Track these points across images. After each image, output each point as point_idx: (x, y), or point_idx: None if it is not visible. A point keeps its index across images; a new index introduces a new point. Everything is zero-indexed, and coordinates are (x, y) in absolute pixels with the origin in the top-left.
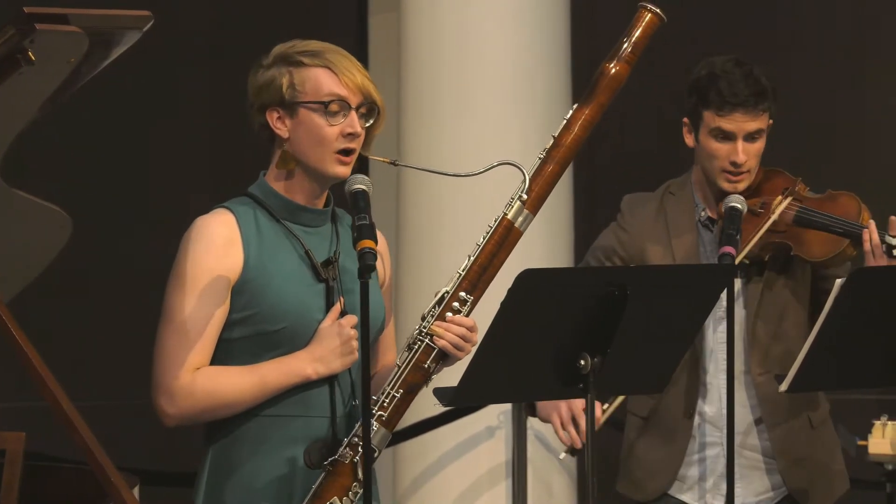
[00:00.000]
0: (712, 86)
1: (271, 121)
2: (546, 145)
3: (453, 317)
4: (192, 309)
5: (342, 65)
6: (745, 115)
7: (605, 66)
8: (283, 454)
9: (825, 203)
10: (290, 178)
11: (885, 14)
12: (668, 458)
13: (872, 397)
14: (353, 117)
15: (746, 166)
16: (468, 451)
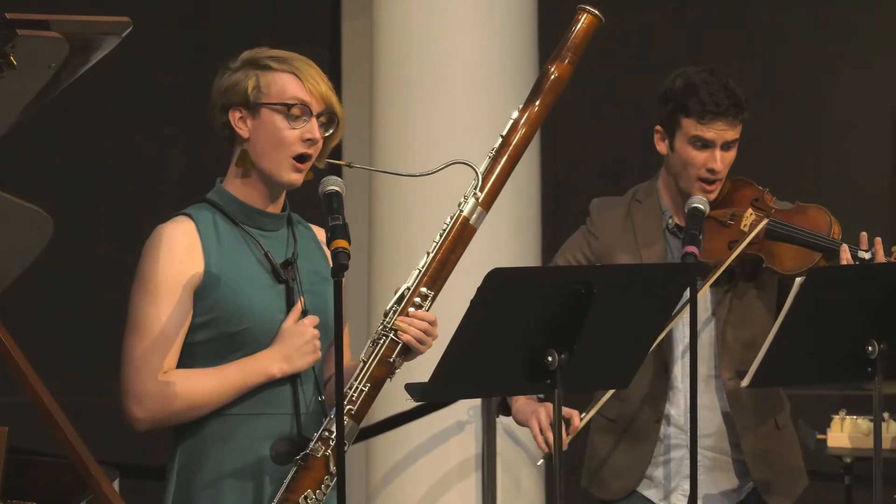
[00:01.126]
0: (693, 95)
1: (233, 120)
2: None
3: (415, 312)
4: (156, 315)
5: (308, 72)
6: (725, 124)
7: (546, 67)
8: (250, 451)
9: (795, 215)
10: (246, 183)
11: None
12: (636, 460)
13: (831, 393)
14: (313, 123)
15: (721, 174)
16: (439, 446)
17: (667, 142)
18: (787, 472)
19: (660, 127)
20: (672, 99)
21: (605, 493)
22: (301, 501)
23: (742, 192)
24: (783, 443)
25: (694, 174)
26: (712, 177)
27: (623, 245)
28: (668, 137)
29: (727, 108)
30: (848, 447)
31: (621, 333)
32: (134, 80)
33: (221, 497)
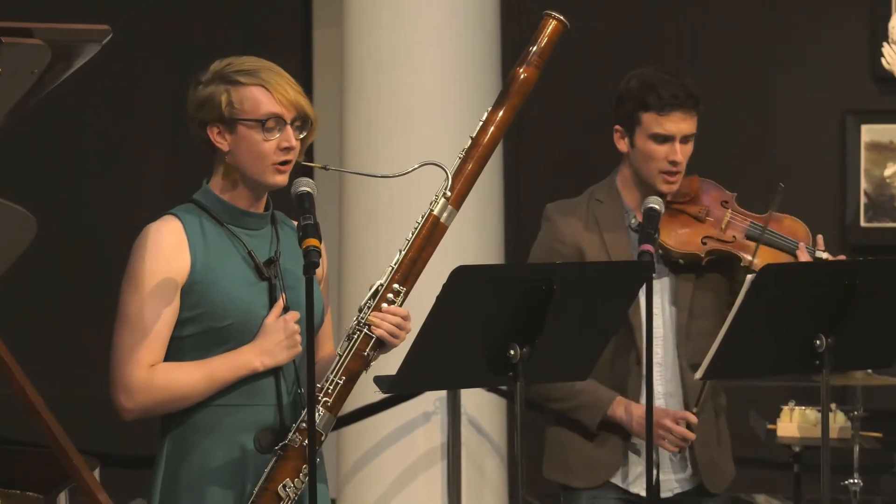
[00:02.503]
0: (651, 91)
1: (212, 136)
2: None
3: (388, 307)
4: (144, 310)
5: (276, 82)
6: (683, 115)
7: (514, 71)
8: (234, 440)
9: (770, 223)
10: (232, 185)
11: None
12: (611, 449)
13: (781, 384)
14: (288, 132)
15: (682, 166)
16: (406, 435)
17: (627, 140)
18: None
19: (619, 126)
20: (630, 98)
21: (578, 481)
22: (280, 490)
23: (710, 194)
24: (717, 432)
25: (656, 168)
26: (674, 168)
27: (591, 247)
28: (628, 135)
29: (684, 100)
30: (797, 436)
31: (580, 328)
32: (112, 86)
33: (207, 484)
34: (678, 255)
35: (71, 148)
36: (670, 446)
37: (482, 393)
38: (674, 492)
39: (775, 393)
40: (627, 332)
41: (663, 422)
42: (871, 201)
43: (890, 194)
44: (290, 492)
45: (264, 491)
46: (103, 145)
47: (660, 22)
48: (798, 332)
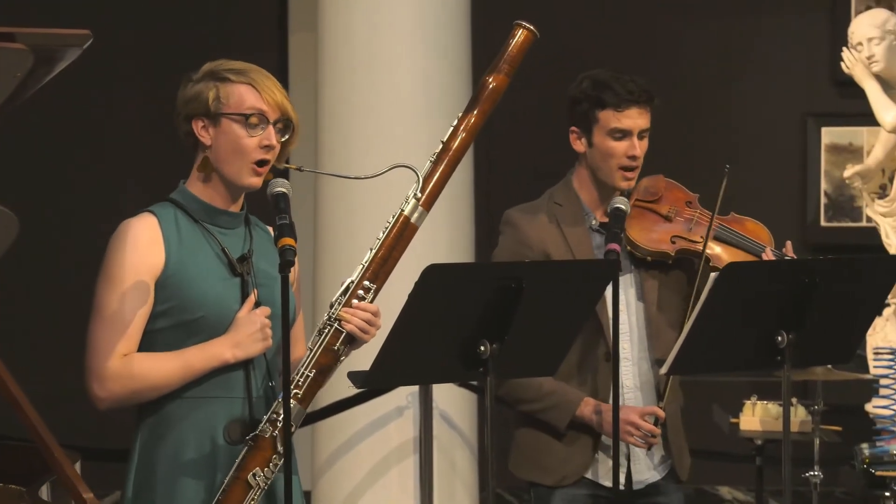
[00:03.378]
0: (606, 88)
1: (196, 129)
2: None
3: (359, 303)
4: (119, 302)
5: (264, 83)
6: (640, 110)
7: (485, 78)
8: (205, 431)
9: (734, 224)
10: (207, 185)
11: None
12: (584, 445)
13: (743, 379)
14: (270, 131)
15: (640, 161)
16: (379, 429)
17: (584, 139)
18: (684, 450)
19: (575, 127)
20: (585, 98)
21: (550, 479)
22: (250, 479)
23: (675, 194)
24: (679, 422)
25: (615, 164)
26: (633, 164)
27: (556, 249)
28: (584, 135)
29: (640, 95)
30: (759, 430)
31: (548, 325)
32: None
33: (179, 473)
34: (647, 252)
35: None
36: (638, 442)
37: (453, 388)
38: (646, 483)
39: (738, 388)
40: (595, 328)
41: (631, 418)
42: (831, 202)
43: (849, 195)
44: (259, 481)
45: (235, 480)
46: (82, 147)
47: (624, 28)
48: (760, 329)
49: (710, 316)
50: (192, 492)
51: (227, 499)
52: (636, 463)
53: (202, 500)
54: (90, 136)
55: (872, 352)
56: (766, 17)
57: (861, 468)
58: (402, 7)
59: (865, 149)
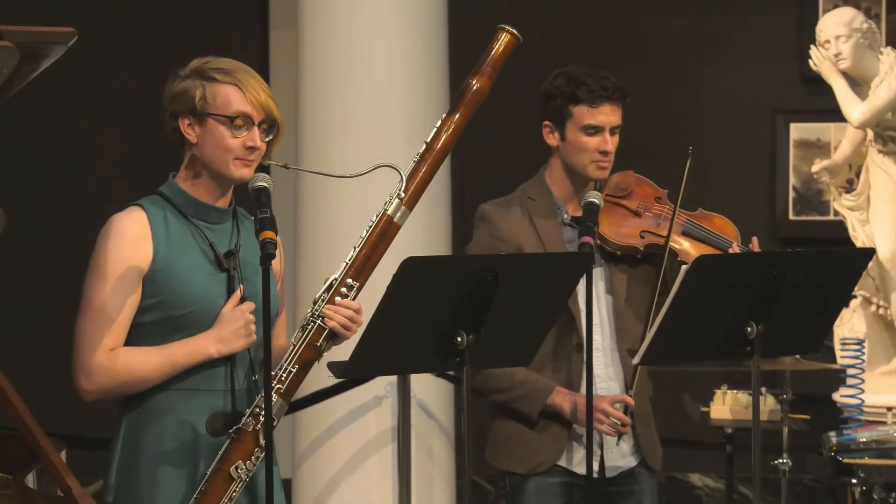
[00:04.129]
0: (581, 85)
1: (182, 126)
2: (419, 150)
3: (341, 300)
4: (107, 296)
5: (249, 84)
6: (612, 107)
7: (468, 80)
8: (188, 424)
9: (702, 220)
10: (196, 179)
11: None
12: (556, 434)
13: (714, 369)
14: (254, 132)
15: (612, 155)
16: (358, 418)
17: (557, 134)
18: (654, 440)
19: (548, 122)
20: (559, 94)
21: (523, 467)
22: (232, 471)
23: (645, 189)
24: (649, 413)
25: (588, 158)
26: (604, 158)
27: (528, 242)
28: (558, 129)
29: (613, 91)
30: (729, 419)
31: (523, 316)
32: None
33: (161, 464)
34: (617, 246)
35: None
36: (609, 430)
37: (431, 378)
38: (618, 470)
39: (708, 377)
40: (568, 320)
41: (601, 406)
42: (800, 196)
43: (817, 189)
44: (241, 473)
45: (217, 472)
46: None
47: (595, 25)
48: (730, 320)
49: (680, 307)
50: (174, 482)
51: (210, 490)
52: (609, 451)
53: (184, 490)
54: (77, 131)
55: (840, 342)
56: (735, 15)
57: (828, 456)
58: (381, 6)
59: (833, 144)
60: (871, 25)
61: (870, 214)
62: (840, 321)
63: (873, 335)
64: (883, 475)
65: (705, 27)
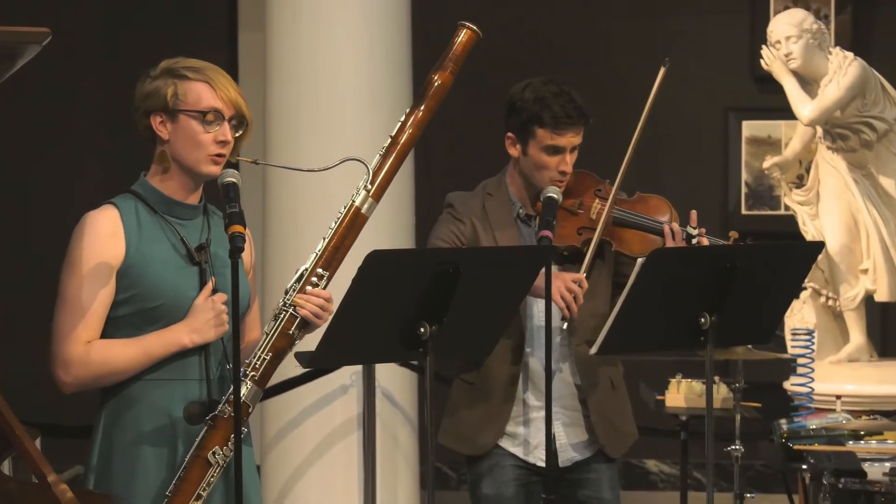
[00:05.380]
0: (546, 108)
1: (154, 124)
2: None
3: (312, 290)
4: (82, 291)
5: (220, 81)
6: (574, 132)
7: (431, 76)
8: (165, 412)
9: (638, 204)
10: (168, 177)
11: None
12: (496, 418)
13: (669, 358)
14: (225, 127)
15: (569, 175)
16: (325, 406)
17: (519, 147)
18: (620, 428)
19: (511, 134)
20: (525, 110)
21: (466, 448)
22: (209, 457)
23: (586, 184)
24: (617, 401)
25: (548, 176)
26: (562, 177)
27: (483, 232)
28: (520, 143)
29: (577, 118)
30: (683, 406)
31: (484, 307)
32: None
33: (140, 452)
34: (561, 248)
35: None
36: (560, 301)
37: (395, 367)
38: (573, 461)
39: (664, 366)
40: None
41: (563, 276)
42: (752, 191)
43: (768, 185)
44: (219, 458)
45: (195, 458)
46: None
47: (552, 26)
48: (684, 311)
49: (636, 299)
50: (152, 469)
51: (189, 476)
52: (559, 441)
53: (163, 476)
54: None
55: (790, 332)
56: (689, 16)
57: (780, 442)
58: (346, 7)
59: (784, 141)
60: (820, 26)
61: (819, 209)
62: (791, 312)
63: (823, 326)
64: (832, 461)
65: (660, 28)
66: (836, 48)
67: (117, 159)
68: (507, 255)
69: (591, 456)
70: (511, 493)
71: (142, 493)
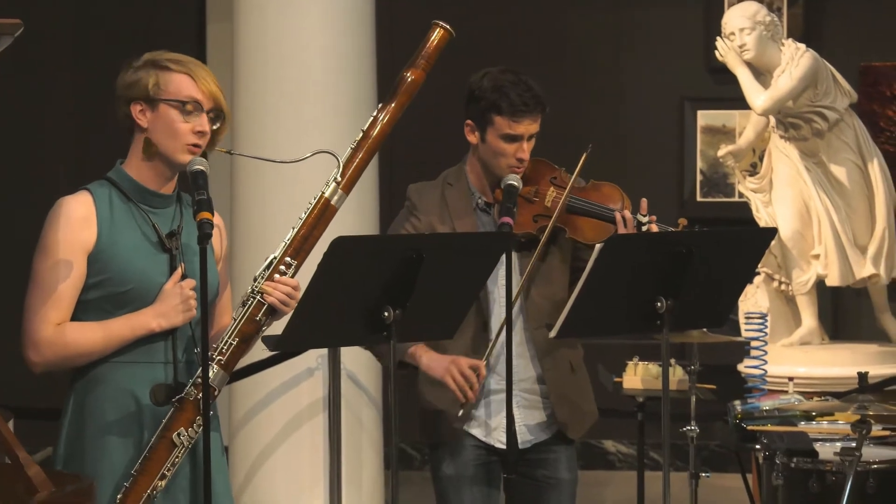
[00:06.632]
0: (504, 96)
1: (134, 112)
2: (356, 137)
3: (280, 277)
4: (54, 274)
5: (200, 74)
6: (531, 120)
7: (403, 73)
8: (132, 394)
9: (591, 192)
10: (144, 166)
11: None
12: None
13: (626, 342)
14: (203, 118)
15: (526, 162)
16: (291, 389)
17: (477, 134)
18: (581, 408)
19: (470, 121)
20: (483, 98)
21: (434, 437)
22: (175, 438)
23: (542, 172)
24: (577, 383)
25: (505, 163)
26: (520, 165)
27: (441, 221)
28: (479, 131)
29: (534, 106)
30: (640, 388)
31: (447, 292)
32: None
33: (107, 432)
34: (518, 235)
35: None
36: (454, 386)
37: (360, 351)
38: (530, 442)
39: (621, 350)
40: (483, 297)
41: (459, 363)
42: (706, 179)
43: (723, 172)
44: (184, 439)
45: (161, 439)
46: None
47: (514, 18)
48: (641, 296)
49: (594, 284)
50: (119, 449)
51: (154, 456)
52: (517, 423)
53: (129, 457)
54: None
55: (744, 316)
56: (646, 10)
57: (734, 423)
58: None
59: (738, 130)
60: (773, 18)
61: (772, 196)
62: (744, 297)
63: (775, 310)
64: (784, 441)
65: (618, 21)
66: (789, 40)
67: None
68: (468, 242)
69: (549, 437)
70: (471, 474)
71: (109, 472)
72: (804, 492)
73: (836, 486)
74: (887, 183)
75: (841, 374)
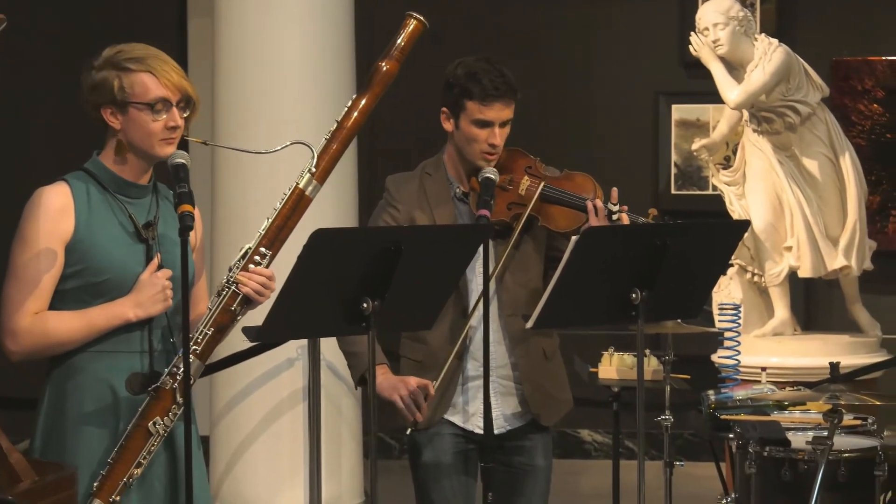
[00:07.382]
0: (476, 82)
1: (105, 116)
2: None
3: (255, 268)
4: (31, 264)
5: (162, 69)
6: (503, 105)
7: (378, 63)
8: (108, 383)
9: (564, 181)
10: (121, 159)
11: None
12: (443, 393)
13: (602, 332)
14: (174, 112)
15: (500, 148)
16: (272, 379)
17: (452, 121)
18: (554, 396)
19: (446, 109)
20: (456, 85)
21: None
22: (150, 427)
23: (517, 162)
24: (550, 371)
25: (478, 149)
26: (492, 150)
27: (420, 212)
28: (453, 118)
29: (505, 91)
30: (615, 378)
31: (425, 283)
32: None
33: (85, 422)
34: (493, 222)
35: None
36: (400, 403)
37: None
38: (505, 429)
39: (597, 340)
40: (459, 287)
41: (408, 381)
42: (680, 172)
43: (697, 166)
44: (159, 428)
45: (137, 427)
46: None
47: (491, 13)
48: (616, 287)
49: (570, 275)
50: (96, 437)
51: (130, 444)
52: (493, 410)
53: (105, 445)
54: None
55: (718, 307)
56: (620, 4)
57: (707, 412)
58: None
59: (711, 124)
60: (746, 14)
61: (745, 189)
62: (718, 288)
63: (748, 301)
64: (757, 430)
65: (594, 15)
66: (762, 35)
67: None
68: (446, 234)
69: (524, 425)
70: (449, 461)
71: (86, 461)
72: (777, 480)
73: (809, 474)
74: (858, 176)
75: (813, 364)
